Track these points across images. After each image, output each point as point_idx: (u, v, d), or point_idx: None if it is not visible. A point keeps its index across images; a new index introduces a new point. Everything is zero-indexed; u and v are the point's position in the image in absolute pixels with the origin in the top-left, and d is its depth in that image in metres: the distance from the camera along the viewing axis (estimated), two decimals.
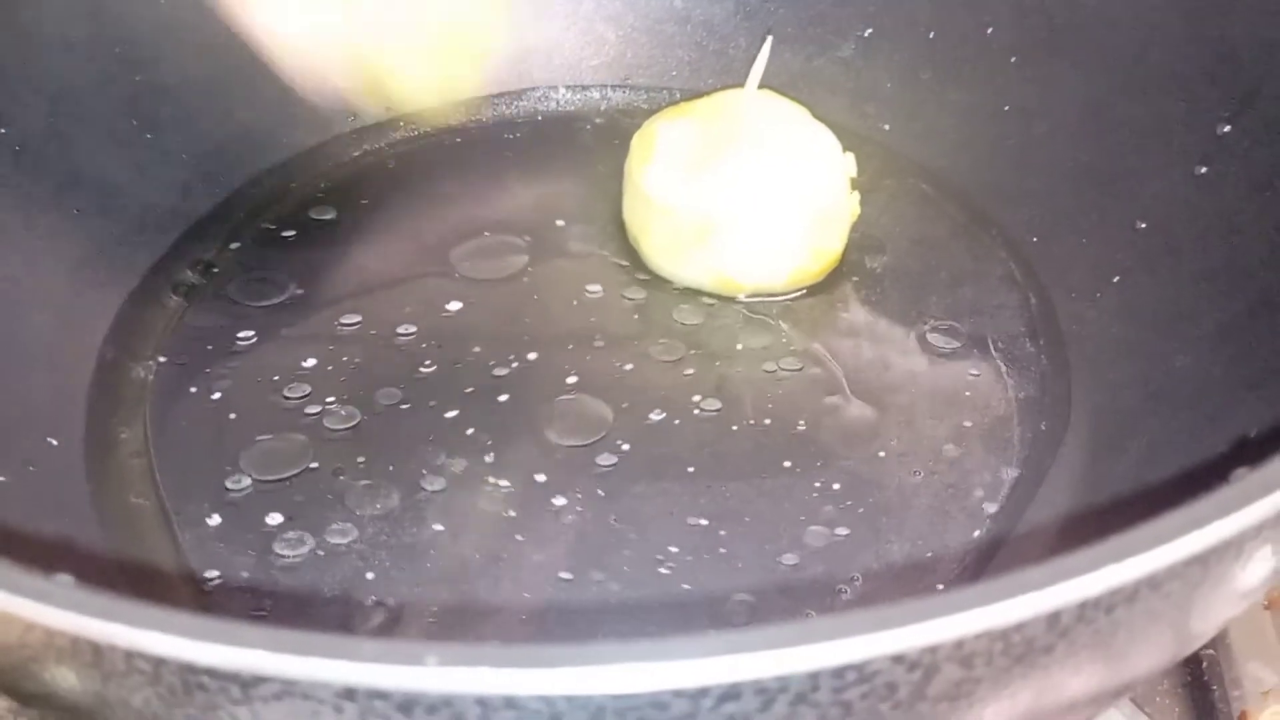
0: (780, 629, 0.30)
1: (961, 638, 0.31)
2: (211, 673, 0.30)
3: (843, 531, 0.59)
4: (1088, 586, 0.32)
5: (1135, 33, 0.71)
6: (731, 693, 0.30)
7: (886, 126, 0.81)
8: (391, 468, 0.62)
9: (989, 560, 0.58)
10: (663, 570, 0.58)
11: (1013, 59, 0.77)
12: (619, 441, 0.63)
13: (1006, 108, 0.77)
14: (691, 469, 0.62)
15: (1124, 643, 0.36)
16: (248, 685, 0.30)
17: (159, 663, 0.30)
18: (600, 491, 0.61)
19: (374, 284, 0.73)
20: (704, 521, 0.60)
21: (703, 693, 0.30)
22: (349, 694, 0.30)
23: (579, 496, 0.61)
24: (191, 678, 0.31)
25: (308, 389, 0.66)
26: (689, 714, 0.31)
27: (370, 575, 0.57)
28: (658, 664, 0.30)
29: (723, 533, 0.59)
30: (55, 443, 0.61)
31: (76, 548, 0.57)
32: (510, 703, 0.30)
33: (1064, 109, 0.74)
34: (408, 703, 0.30)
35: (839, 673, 0.31)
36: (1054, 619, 0.32)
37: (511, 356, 0.68)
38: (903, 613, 0.31)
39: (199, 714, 0.32)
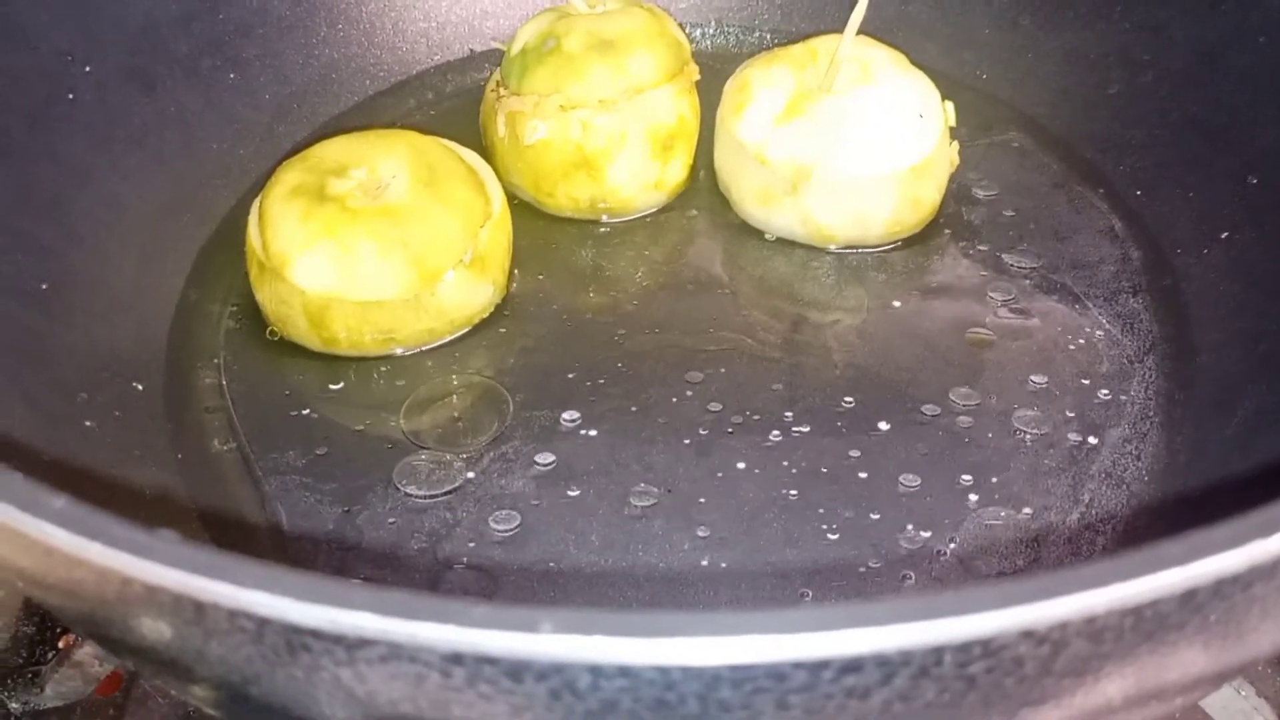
0: (907, 602, 0.29)
1: (1095, 613, 0.30)
2: (317, 634, 0.29)
3: (938, 491, 0.58)
4: (1229, 562, 0.30)
5: None
6: (853, 665, 0.29)
7: (984, 74, 0.79)
8: (475, 415, 0.62)
9: (1093, 523, 0.57)
10: (747, 526, 0.57)
11: (1118, 5, 0.75)
12: (709, 400, 0.62)
13: (1110, 55, 0.75)
14: (780, 422, 0.61)
15: (1256, 620, 0.34)
16: (353, 647, 0.29)
17: (263, 623, 0.29)
18: (689, 444, 0.60)
19: None
20: (796, 475, 0.58)
21: (824, 664, 0.29)
22: (457, 659, 0.29)
23: (673, 451, 0.60)
24: (296, 638, 0.30)
25: None
26: (808, 685, 0.29)
27: (460, 528, 0.57)
28: (779, 636, 0.28)
29: (814, 490, 0.58)
30: (140, 388, 0.61)
31: (161, 495, 0.57)
32: (624, 672, 0.29)
33: (1171, 56, 0.72)
34: (517, 669, 0.29)
35: (965, 647, 0.29)
36: (1189, 595, 0.31)
37: (594, 308, 0.68)
38: (1035, 587, 0.29)
39: (302, 674, 0.31)
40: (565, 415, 0.61)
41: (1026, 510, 0.57)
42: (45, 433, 0.54)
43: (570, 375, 0.64)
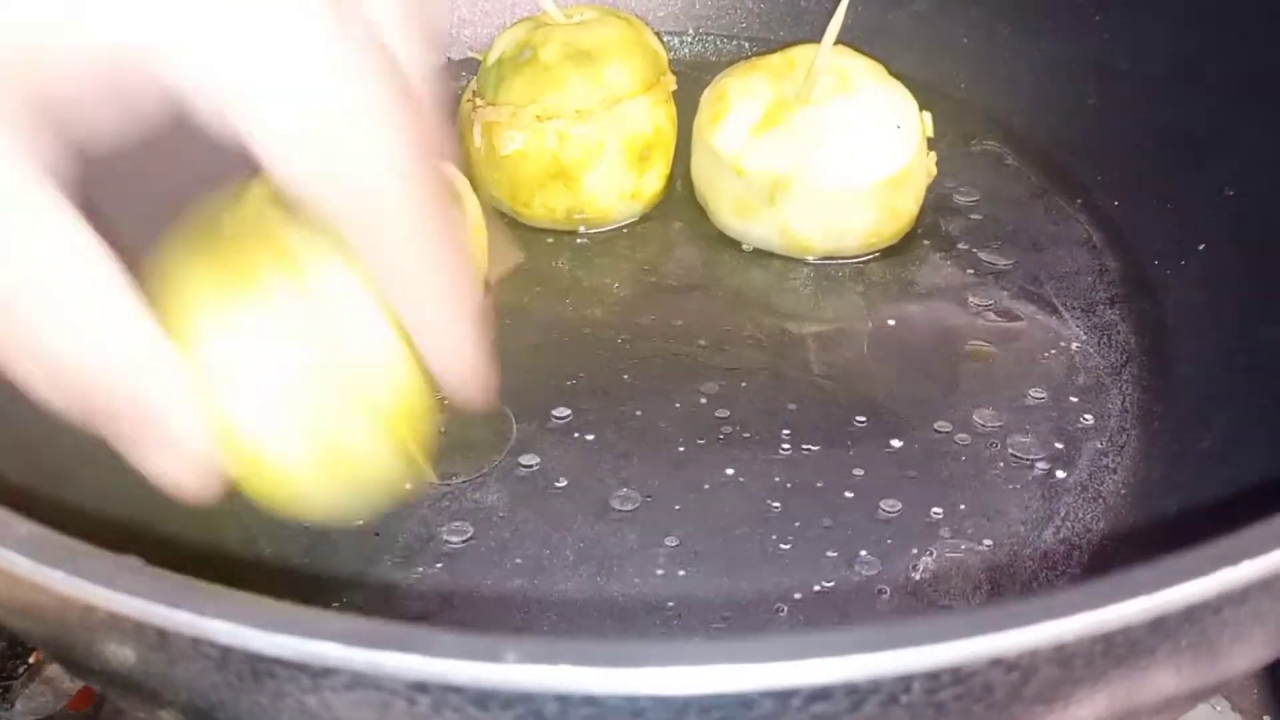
0: (875, 630, 0.29)
1: (1064, 640, 0.30)
2: (280, 662, 0.29)
3: (914, 505, 0.58)
4: (1200, 589, 0.30)
5: None
6: (821, 693, 0.29)
7: (962, 84, 0.79)
8: (453, 425, 0.61)
9: (1069, 537, 0.57)
10: (721, 535, 0.56)
11: (1096, 15, 0.75)
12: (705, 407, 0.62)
13: (1089, 65, 0.75)
14: (759, 436, 0.61)
15: (1228, 643, 0.34)
16: (318, 675, 0.29)
17: (226, 651, 0.29)
18: (675, 457, 0.60)
19: None
20: (775, 489, 0.58)
21: (792, 693, 0.29)
22: (421, 687, 0.29)
23: (652, 469, 0.60)
24: (260, 666, 0.29)
25: None
26: (775, 713, 0.29)
27: (434, 543, 0.56)
28: (747, 665, 0.28)
29: (793, 502, 0.58)
30: None
31: (134, 513, 0.56)
32: (591, 701, 0.29)
33: (1150, 66, 0.72)
34: (482, 697, 0.29)
35: (934, 675, 0.29)
36: (1159, 622, 0.30)
37: (573, 320, 0.67)
38: (1004, 615, 0.29)
39: (267, 700, 0.31)
40: (550, 419, 0.61)
41: (998, 526, 0.57)
42: (15, 450, 0.53)
43: (549, 384, 0.63)
